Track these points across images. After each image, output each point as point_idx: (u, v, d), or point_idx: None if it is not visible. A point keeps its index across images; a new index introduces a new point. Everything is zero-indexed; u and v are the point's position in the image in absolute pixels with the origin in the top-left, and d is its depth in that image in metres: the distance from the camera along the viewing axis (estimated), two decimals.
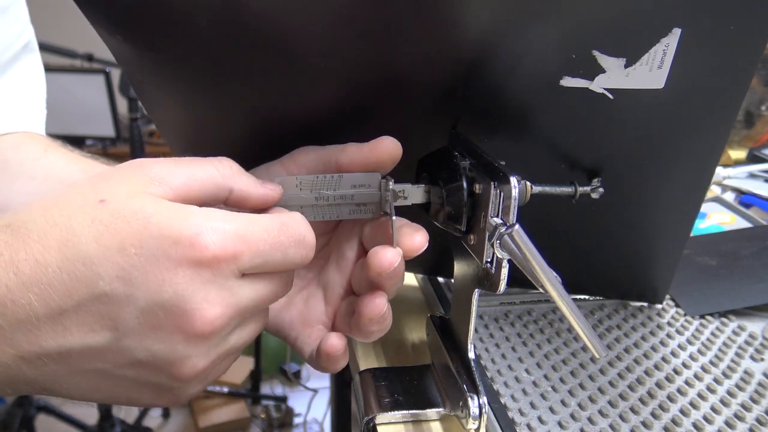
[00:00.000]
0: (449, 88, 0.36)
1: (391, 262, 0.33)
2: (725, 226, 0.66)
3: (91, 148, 2.07)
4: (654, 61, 0.34)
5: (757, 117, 0.93)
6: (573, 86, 0.35)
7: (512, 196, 0.31)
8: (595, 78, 0.35)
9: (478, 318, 0.48)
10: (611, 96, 0.36)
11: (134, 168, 0.28)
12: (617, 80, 0.35)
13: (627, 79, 0.35)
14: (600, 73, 0.35)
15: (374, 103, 0.38)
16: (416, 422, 0.38)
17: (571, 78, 0.35)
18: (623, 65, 0.35)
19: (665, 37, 0.33)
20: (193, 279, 0.26)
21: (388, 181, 0.36)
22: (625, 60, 0.34)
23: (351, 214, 0.36)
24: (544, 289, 0.29)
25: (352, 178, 0.36)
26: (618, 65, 0.35)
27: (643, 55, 0.34)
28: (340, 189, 0.35)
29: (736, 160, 0.89)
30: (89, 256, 0.25)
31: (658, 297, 0.50)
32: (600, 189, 0.40)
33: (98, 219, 0.26)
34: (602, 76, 0.35)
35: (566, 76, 0.35)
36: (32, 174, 0.46)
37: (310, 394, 1.88)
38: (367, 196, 0.36)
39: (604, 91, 0.36)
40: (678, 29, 0.33)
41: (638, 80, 0.35)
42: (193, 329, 0.27)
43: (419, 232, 0.35)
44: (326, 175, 0.35)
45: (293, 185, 0.35)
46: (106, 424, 1.55)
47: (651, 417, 0.38)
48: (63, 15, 2.32)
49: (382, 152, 0.35)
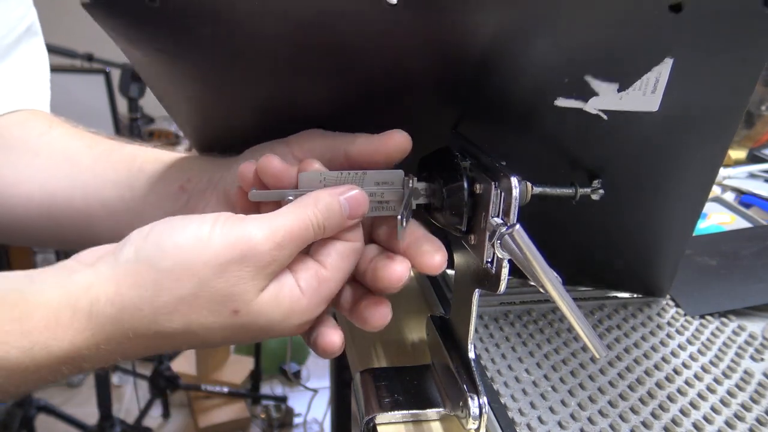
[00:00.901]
0: (452, 92, 0.37)
1: (400, 277, 0.35)
2: (725, 226, 0.66)
3: None
4: (647, 87, 0.35)
5: (757, 117, 0.93)
6: (567, 107, 0.36)
7: (513, 196, 0.31)
8: (589, 100, 0.35)
9: (478, 318, 0.48)
10: (605, 117, 0.36)
11: (250, 260, 0.31)
12: (611, 103, 0.35)
13: (621, 102, 0.35)
14: (593, 95, 0.35)
15: (377, 102, 0.38)
16: (416, 422, 0.38)
17: (564, 99, 0.36)
18: (616, 89, 0.35)
19: (657, 66, 0.34)
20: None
21: (410, 179, 0.36)
22: (617, 85, 0.35)
23: (373, 211, 0.36)
24: (545, 289, 0.29)
25: (376, 176, 0.36)
26: (611, 89, 0.35)
27: (635, 81, 0.34)
28: (363, 186, 0.36)
29: (736, 160, 0.89)
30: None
31: (662, 292, 0.51)
32: (600, 190, 0.40)
33: (230, 330, 0.32)
34: (596, 98, 0.35)
35: (560, 97, 0.36)
36: (37, 150, 0.47)
37: (310, 394, 1.87)
38: (391, 194, 0.36)
39: (598, 112, 0.36)
40: (670, 59, 0.33)
41: (632, 103, 0.35)
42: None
43: (440, 252, 0.35)
44: (350, 172, 0.35)
45: (317, 181, 0.35)
46: (106, 424, 1.55)
47: (651, 417, 0.38)
48: (63, 15, 2.32)
49: (393, 146, 0.35)
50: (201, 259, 0.30)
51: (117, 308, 0.30)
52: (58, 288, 0.30)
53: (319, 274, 0.34)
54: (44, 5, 2.22)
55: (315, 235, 0.33)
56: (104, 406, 1.54)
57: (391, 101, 0.38)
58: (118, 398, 1.90)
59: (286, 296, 0.33)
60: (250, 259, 0.31)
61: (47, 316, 0.29)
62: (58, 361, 0.29)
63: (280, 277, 0.33)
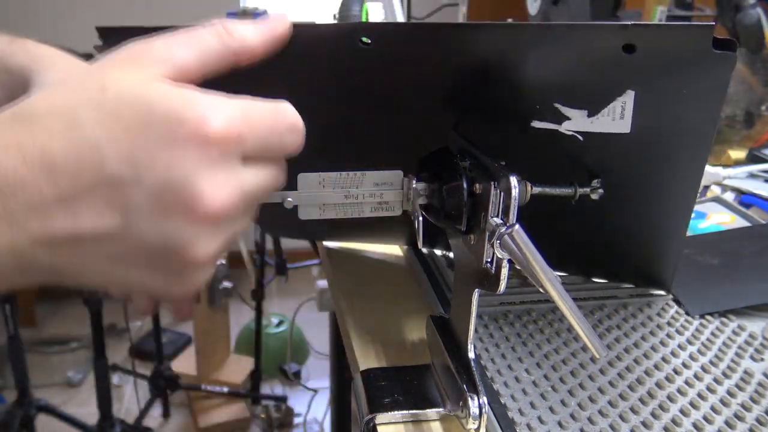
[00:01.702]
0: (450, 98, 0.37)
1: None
2: (725, 226, 0.65)
3: None
4: (615, 113, 0.36)
5: (757, 117, 0.93)
6: (543, 128, 0.38)
7: (512, 196, 0.31)
8: (563, 123, 0.37)
9: (478, 318, 0.48)
10: (581, 138, 0.38)
11: (134, 52, 0.28)
12: (583, 125, 0.37)
13: (592, 125, 0.37)
14: (566, 120, 0.37)
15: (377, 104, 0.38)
16: (416, 422, 0.38)
17: (539, 122, 0.37)
18: (586, 115, 0.37)
19: (621, 96, 0.36)
20: (201, 160, 0.26)
21: (411, 179, 0.36)
22: (587, 111, 0.37)
23: (373, 211, 0.36)
24: (544, 289, 0.29)
25: (375, 176, 0.36)
26: (581, 115, 0.37)
27: (603, 109, 0.36)
28: (362, 187, 0.36)
29: (736, 160, 0.89)
30: (95, 141, 0.26)
31: (665, 285, 0.52)
32: (600, 190, 0.40)
33: (102, 106, 0.26)
34: (568, 122, 0.37)
35: (536, 120, 0.37)
36: None
37: (310, 394, 1.88)
38: (391, 194, 0.36)
39: (573, 133, 0.37)
40: (631, 91, 0.35)
41: (604, 126, 0.37)
42: (202, 211, 0.27)
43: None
44: (348, 173, 0.35)
45: (316, 182, 0.35)
46: (106, 424, 1.55)
47: (651, 417, 0.38)
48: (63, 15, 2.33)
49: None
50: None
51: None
52: None
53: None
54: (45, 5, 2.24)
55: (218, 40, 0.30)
56: (104, 406, 1.54)
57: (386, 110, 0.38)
58: (118, 398, 1.90)
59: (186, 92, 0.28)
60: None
61: None
62: None
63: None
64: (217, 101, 0.27)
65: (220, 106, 0.27)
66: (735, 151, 0.91)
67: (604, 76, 0.35)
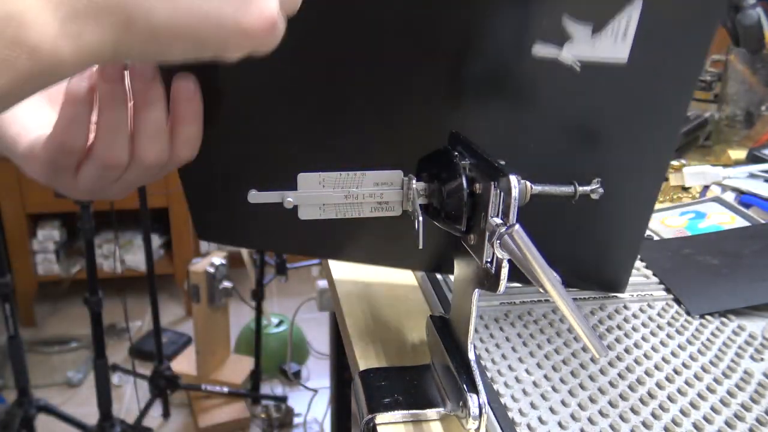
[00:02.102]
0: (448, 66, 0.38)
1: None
2: (725, 225, 0.65)
3: None
4: (618, 31, 0.37)
5: (757, 117, 0.93)
6: (544, 56, 0.37)
7: (512, 196, 0.31)
8: (564, 46, 0.37)
9: (478, 318, 0.48)
10: (578, 68, 0.37)
11: None
12: (584, 50, 0.37)
13: (593, 49, 0.37)
14: (568, 41, 0.37)
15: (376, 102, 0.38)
16: (416, 422, 0.38)
17: (542, 45, 0.37)
18: (590, 32, 0.36)
19: (628, 6, 0.36)
20: None
21: (410, 180, 0.36)
22: (591, 26, 0.36)
23: (373, 211, 0.36)
24: (544, 289, 0.29)
25: (375, 176, 0.36)
26: (585, 33, 0.36)
27: (609, 22, 0.36)
28: (363, 187, 0.36)
29: (736, 160, 0.89)
30: None
31: (620, 286, 0.50)
32: (600, 189, 0.40)
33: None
34: (570, 45, 0.37)
35: (538, 42, 0.37)
36: None
37: (310, 394, 1.88)
38: (391, 194, 0.36)
39: (572, 63, 0.37)
40: (640, 1, 0.36)
41: (603, 51, 0.37)
42: None
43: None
44: (348, 173, 0.35)
45: (316, 182, 0.35)
46: (106, 424, 1.55)
47: (651, 417, 0.38)
48: None
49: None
50: None
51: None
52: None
53: None
54: None
55: None
56: (104, 406, 1.54)
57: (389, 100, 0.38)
58: (118, 398, 1.90)
59: None
60: None
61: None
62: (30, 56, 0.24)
63: None
64: None
65: None
66: (735, 151, 0.91)
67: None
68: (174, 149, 0.35)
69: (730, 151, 0.90)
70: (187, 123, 0.34)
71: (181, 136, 0.35)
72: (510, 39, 0.37)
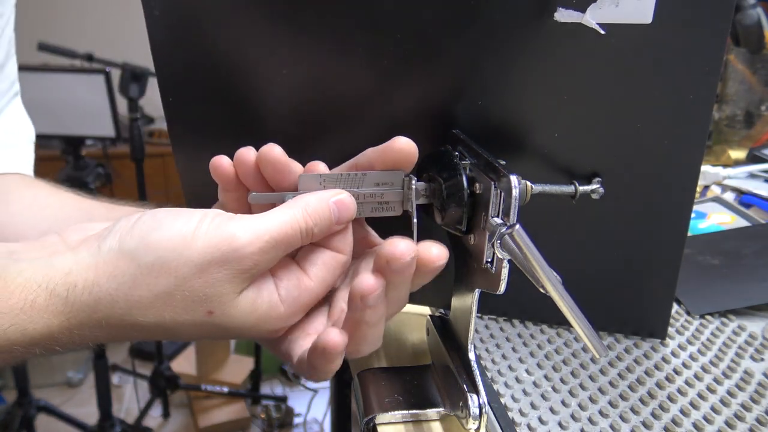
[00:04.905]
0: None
1: (403, 252, 0.31)
2: (725, 226, 0.65)
3: (91, 148, 2.07)
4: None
5: (757, 117, 0.93)
6: (566, 21, 0.36)
7: (513, 195, 0.31)
8: (587, 9, 0.35)
9: (478, 318, 0.48)
10: (602, 31, 0.36)
11: (232, 262, 0.31)
12: (607, 13, 0.35)
13: (617, 10, 0.35)
14: (591, 3, 0.35)
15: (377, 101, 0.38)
16: (416, 422, 0.38)
17: (564, 10, 0.35)
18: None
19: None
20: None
21: (411, 180, 0.36)
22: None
23: (373, 212, 0.37)
24: (545, 289, 0.29)
25: (376, 176, 0.36)
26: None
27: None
28: (363, 187, 0.36)
29: (736, 160, 0.89)
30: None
31: (658, 331, 0.46)
32: (600, 189, 0.40)
33: (202, 328, 0.32)
34: (593, 7, 0.35)
35: (560, 8, 0.35)
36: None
37: (310, 394, 1.88)
38: (391, 194, 0.36)
39: (595, 26, 0.36)
40: None
41: (627, 12, 0.35)
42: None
43: (437, 244, 0.34)
44: (350, 173, 0.36)
45: (317, 183, 0.35)
46: (106, 424, 1.55)
47: (651, 417, 0.38)
48: (63, 15, 2.32)
49: (396, 152, 0.35)
50: (182, 257, 0.30)
51: (93, 297, 0.30)
52: (38, 270, 0.30)
53: (301, 282, 0.34)
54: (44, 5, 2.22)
55: (302, 240, 0.33)
56: (104, 406, 1.55)
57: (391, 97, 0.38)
58: (118, 398, 1.90)
59: (264, 302, 0.32)
60: (231, 261, 0.30)
61: (24, 298, 0.29)
62: (31, 342, 0.29)
63: (261, 281, 0.33)
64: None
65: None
66: (735, 151, 0.91)
67: None
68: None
69: (730, 151, 0.90)
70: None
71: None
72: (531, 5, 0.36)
